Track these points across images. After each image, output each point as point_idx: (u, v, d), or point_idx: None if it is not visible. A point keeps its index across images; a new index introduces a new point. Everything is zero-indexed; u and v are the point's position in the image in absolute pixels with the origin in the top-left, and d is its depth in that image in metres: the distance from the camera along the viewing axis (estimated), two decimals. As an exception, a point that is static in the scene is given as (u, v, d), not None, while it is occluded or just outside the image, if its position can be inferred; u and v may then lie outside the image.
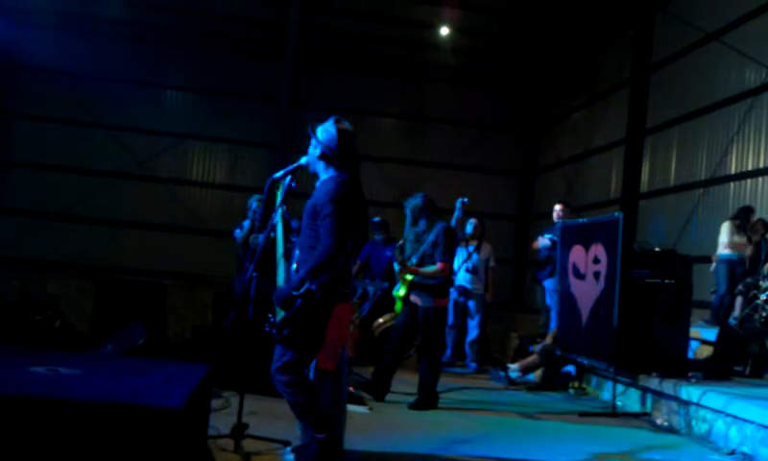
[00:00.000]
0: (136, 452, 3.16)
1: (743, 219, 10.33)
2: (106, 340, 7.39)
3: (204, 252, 17.18)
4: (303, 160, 4.96)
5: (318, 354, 4.62)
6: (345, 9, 17.10)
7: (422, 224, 7.34)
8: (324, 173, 4.76)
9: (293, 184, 4.88)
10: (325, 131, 4.76)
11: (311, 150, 4.80)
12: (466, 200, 9.28)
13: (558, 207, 10.52)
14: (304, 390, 4.58)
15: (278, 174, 5.03)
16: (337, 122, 4.78)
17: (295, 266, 4.66)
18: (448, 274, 7.40)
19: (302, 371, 4.61)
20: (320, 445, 4.56)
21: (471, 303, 11.05)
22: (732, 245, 10.23)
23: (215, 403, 5.87)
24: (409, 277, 7.26)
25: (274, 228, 5.00)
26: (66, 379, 3.81)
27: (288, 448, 4.91)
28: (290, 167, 5.02)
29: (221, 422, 5.09)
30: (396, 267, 7.52)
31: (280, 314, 4.52)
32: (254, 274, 5.24)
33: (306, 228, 4.68)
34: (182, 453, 3.38)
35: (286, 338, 4.49)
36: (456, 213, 9.23)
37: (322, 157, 4.74)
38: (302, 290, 4.45)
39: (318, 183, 4.78)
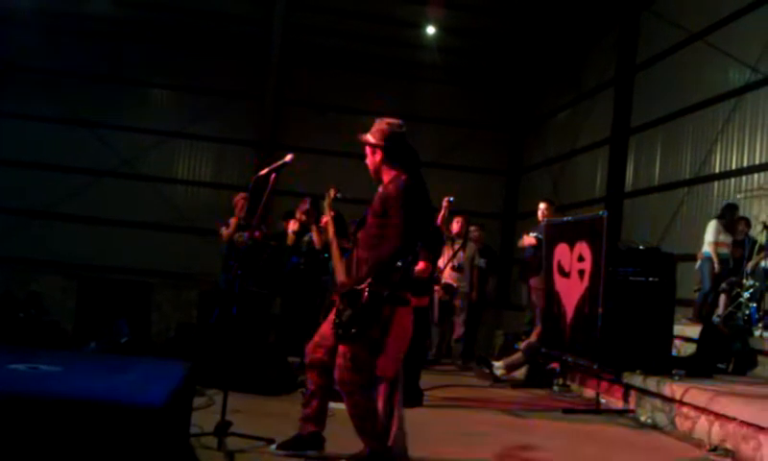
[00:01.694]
0: (116, 450, 3.14)
1: (729, 218, 10.39)
2: (89, 338, 7.36)
3: (190, 250, 17.13)
4: (288, 158, 4.94)
5: (378, 359, 4.58)
6: (330, 7, 17.10)
7: None
8: (388, 175, 4.71)
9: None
10: (377, 131, 4.72)
11: (369, 157, 4.75)
12: (452, 198, 9.29)
13: (542, 206, 10.52)
14: (368, 396, 4.55)
15: (263, 172, 5.02)
16: (383, 120, 4.76)
17: (354, 264, 4.64)
18: (430, 273, 7.37)
19: (368, 375, 4.54)
20: (373, 455, 4.54)
21: (457, 302, 11.05)
22: (717, 244, 10.30)
23: (199, 402, 5.85)
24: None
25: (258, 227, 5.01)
26: (46, 376, 3.79)
27: (273, 446, 4.89)
28: (275, 165, 5.01)
29: (204, 420, 5.06)
30: None
31: (345, 314, 4.47)
32: (239, 271, 5.24)
33: (372, 227, 4.65)
34: (163, 452, 3.36)
35: (353, 337, 4.44)
36: (442, 212, 9.23)
37: (384, 158, 4.71)
38: (366, 286, 4.42)
39: (381, 188, 4.73)
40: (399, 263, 4.49)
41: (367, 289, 4.42)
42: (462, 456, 5.33)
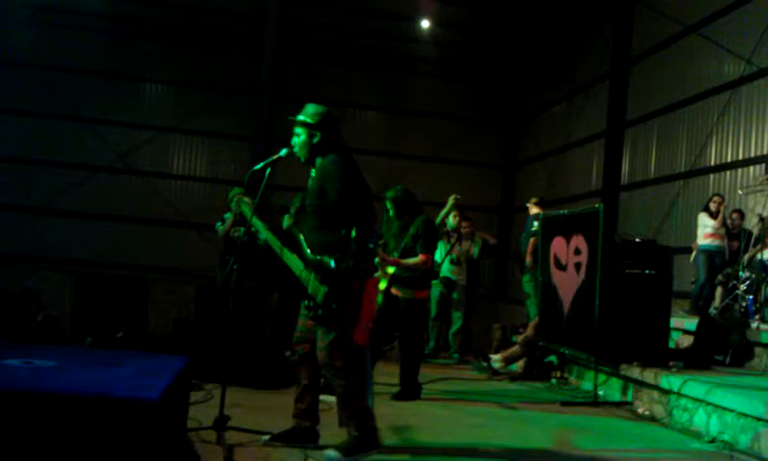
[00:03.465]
0: (110, 445, 3.13)
1: (713, 208, 10.45)
2: (86, 333, 7.35)
3: (186, 245, 17.12)
4: (283, 153, 4.92)
5: (353, 331, 4.61)
6: (325, 1, 17.06)
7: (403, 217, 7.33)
8: (323, 157, 4.73)
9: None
10: (316, 114, 4.75)
11: (304, 139, 4.74)
12: (458, 196, 9.41)
13: (530, 202, 10.76)
14: (355, 375, 4.59)
15: (258, 166, 5.01)
16: (317, 104, 4.80)
17: (308, 250, 4.64)
18: (430, 266, 7.40)
19: (350, 351, 4.58)
20: (362, 435, 4.56)
21: (455, 295, 11.08)
22: (707, 236, 10.37)
23: (198, 396, 5.85)
24: (390, 270, 7.25)
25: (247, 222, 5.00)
26: (40, 372, 3.77)
27: (266, 437, 4.88)
28: (270, 160, 5.00)
29: (203, 414, 5.06)
30: (376, 260, 7.44)
31: (321, 292, 4.50)
32: (235, 266, 5.21)
33: (316, 208, 4.68)
34: (158, 446, 3.34)
35: (333, 313, 4.47)
36: (447, 208, 9.35)
37: (321, 141, 4.72)
38: (342, 258, 4.46)
39: (314, 171, 4.77)
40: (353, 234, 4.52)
41: (337, 265, 4.46)
42: (459, 448, 5.33)
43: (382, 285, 7.33)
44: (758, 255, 9.68)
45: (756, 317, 9.12)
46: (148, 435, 3.21)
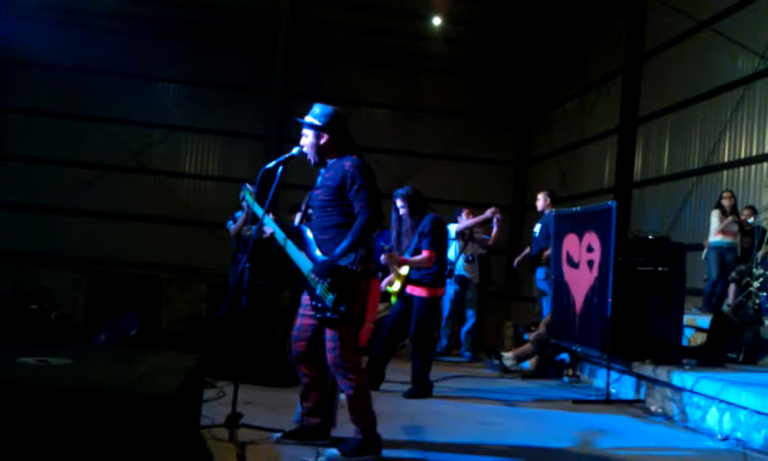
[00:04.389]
0: (126, 440, 3.15)
1: (724, 205, 10.43)
2: (99, 331, 7.38)
3: (199, 244, 17.18)
4: (295, 151, 4.93)
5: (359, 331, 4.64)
6: (337, 0, 17.09)
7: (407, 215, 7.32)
8: (337, 157, 4.73)
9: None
10: (323, 115, 4.75)
11: (312, 140, 4.75)
12: (497, 209, 9.56)
13: (540, 196, 10.71)
14: (363, 374, 4.64)
15: (270, 165, 5.02)
16: (326, 105, 4.81)
17: (318, 251, 4.65)
18: (442, 264, 7.39)
19: (358, 352, 4.62)
20: (365, 439, 4.60)
21: (469, 293, 11.07)
22: (719, 232, 10.34)
23: (210, 394, 5.87)
24: (404, 272, 7.25)
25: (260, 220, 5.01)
26: (55, 369, 3.80)
27: (277, 435, 4.90)
28: (281, 158, 5.01)
29: (216, 412, 5.08)
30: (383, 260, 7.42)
31: (329, 295, 4.50)
32: (247, 265, 5.22)
33: (327, 206, 4.68)
34: (173, 441, 3.36)
35: (344, 316, 4.48)
36: (483, 219, 9.46)
37: (330, 142, 4.73)
38: (350, 261, 4.46)
39: (324, 170, 4.77)
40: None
41: (347, 267, 4.47)
42: (472, 446, 5.33)
43: (396, 286, 7.33)
44: (772, 252, 9.63)
45: (771, 314, 9.08)
46: (163, 430, 3.23)
